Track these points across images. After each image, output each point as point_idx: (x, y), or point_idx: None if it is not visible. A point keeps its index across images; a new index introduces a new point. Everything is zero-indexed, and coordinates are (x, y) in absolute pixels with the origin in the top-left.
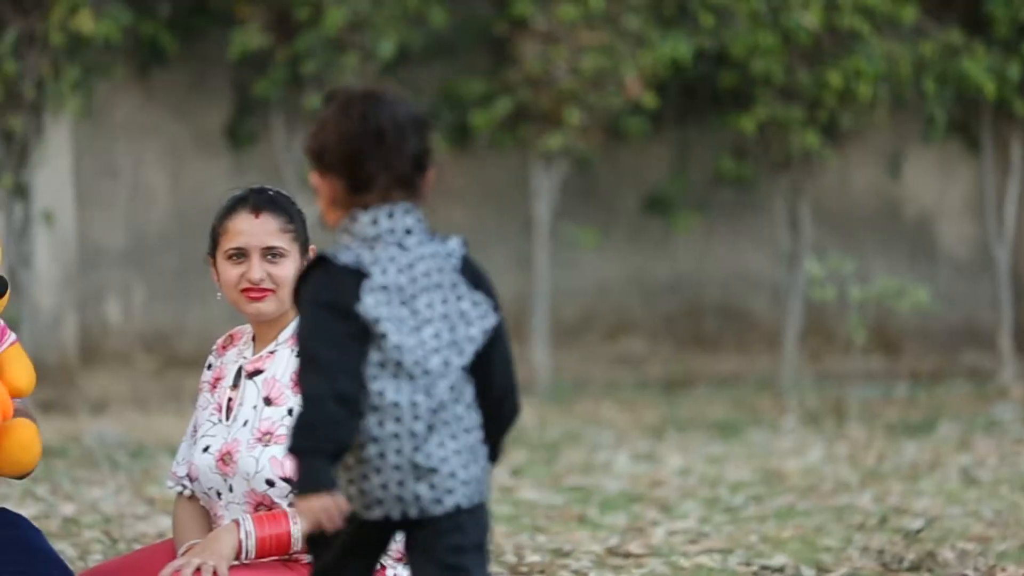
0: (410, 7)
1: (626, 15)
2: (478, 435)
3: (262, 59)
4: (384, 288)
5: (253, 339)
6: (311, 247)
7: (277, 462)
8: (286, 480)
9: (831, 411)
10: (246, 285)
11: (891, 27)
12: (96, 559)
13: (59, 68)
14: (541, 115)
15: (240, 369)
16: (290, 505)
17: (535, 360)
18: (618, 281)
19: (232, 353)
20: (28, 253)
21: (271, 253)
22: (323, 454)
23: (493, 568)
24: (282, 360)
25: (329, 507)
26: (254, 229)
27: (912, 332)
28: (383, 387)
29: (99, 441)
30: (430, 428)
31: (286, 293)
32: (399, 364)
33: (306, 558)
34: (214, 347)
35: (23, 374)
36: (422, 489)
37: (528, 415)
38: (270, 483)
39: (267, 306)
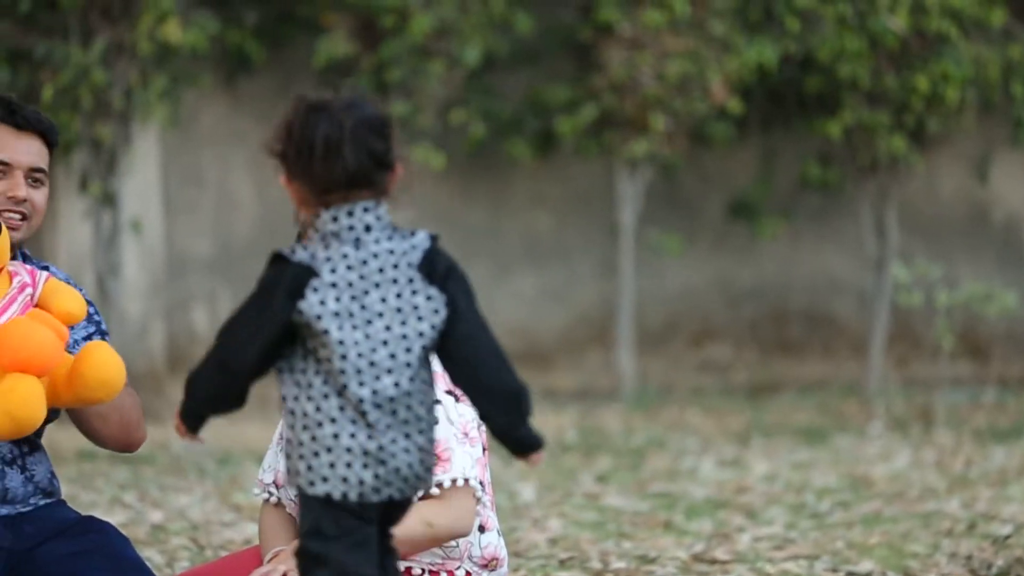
0: (496, 14)
1: (711, 20)
2: (431, 436)
3: (348, 67)
4: (333, 285)
5: None
6: None
7: None
8: None
9: (918, 417)
10: None
11: (979, 30)
12: (183, 566)
13: (147, 77)
14: (626, 121)
15: None
16: None
17: (620, 366)
18: (703, 287)
19: None
20: (116, 262)
21: None
22: (191, 409)
23: (578, 573)
24: None
25: (179, 430)
26: None
27: (1000, 337)
28: (346, 380)
29: (187, 448)
30: (378, 421)
31: None
32: (344, 357)
33: None
34: None
35: (69, 300)
36: (367, 476)
37: (613, 421)
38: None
39: None
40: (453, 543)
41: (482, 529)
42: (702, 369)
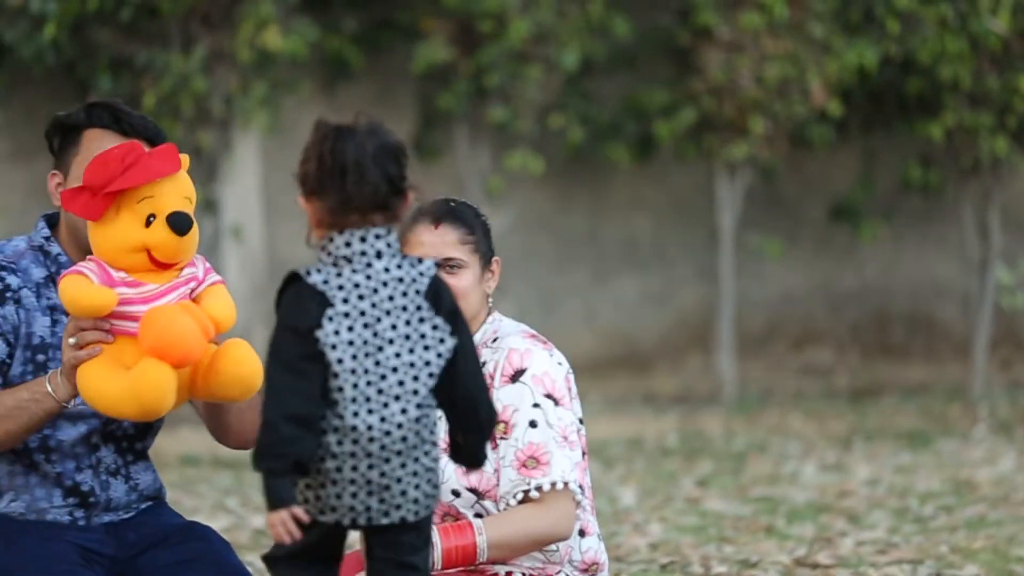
0: (594, 18)
1: (811, 22)
2: (435, 455)
3: (446, 72)
4: (346, 315)
5: None
6: (495, 258)
7: (462, 473)
8: (472, 490)
9: (1023, 419)
10: None
11: None
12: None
13: (247, 84)
14: (725, 125)
15: None
16: (476, 516)
17: (720, 371)
18: (804, 290)
19: None
20: (218, 268)
21: (449, 264)
22: (278, 473)
23: None
24: None
25: (287, 521)
26: (433, 240)
27: None
28: (342, 410)
29: None
30: (384, 448)
31: (465, 304)
32: (355, 386)
33: (492, 569)
34: None
35: (223, 307)
36: (373, 502)
37: (714, 425)
38: (456, 493)
39: None
40: (553, 547)
41: (582, 533)
42: (803, 373)
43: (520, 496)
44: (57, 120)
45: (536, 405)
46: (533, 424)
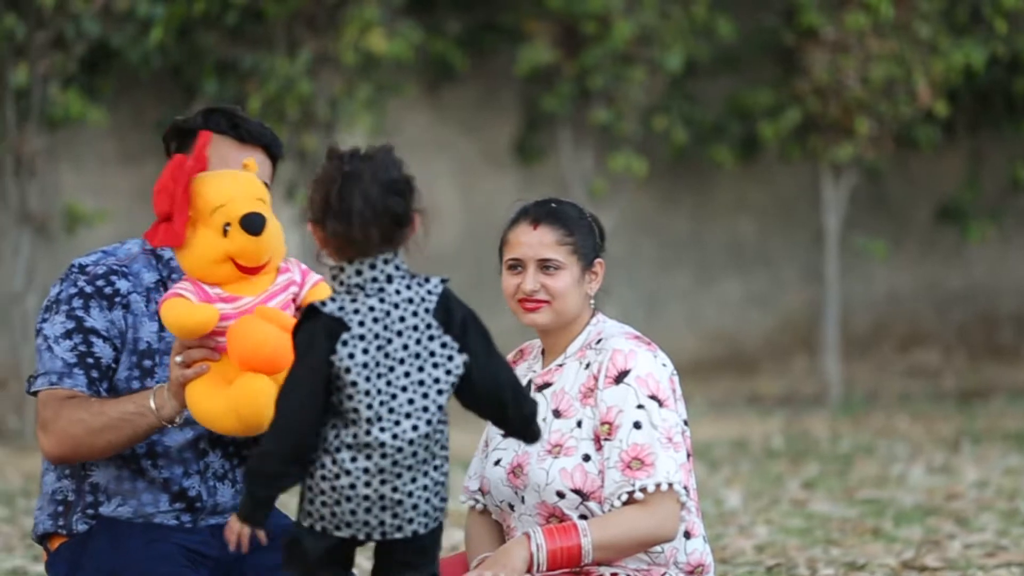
0: (698, 19)
1: (916, 22)
2: (444, 469)
3: (550, 74)
4: (361, 337)
5: (542, 353)
6: (598, 260)
7: (567, 474)
8: (576, 492)
9: None
10: (521, 296)
11: None
12: None
13: (352, 87)
14: (830, 125)
15: (530, 382)
16: (581, 517)
17: (826, 372)
18: (910, 292)
19: (522, 368)
20: (324, 270)
21: (546, 265)
22: (263, 501)
23: None
24: (571, 373)
25: (244, 535)
26: (531, 240)
27: None
28: (356, 430)
29: None
30: (397, 464)
31: (562, 305)
32: (369, 407)
33: (597, 570)
34: None
35: None
36: (386, 517)
37: (820, 427)
38: (560, 495)
39: (541, 317)
40: (658, 549)
41: (688, 535)
42: (910, 374)
43: (625, 497)
44: (175, 125)
45: (640, 406)
46: (637, 425)
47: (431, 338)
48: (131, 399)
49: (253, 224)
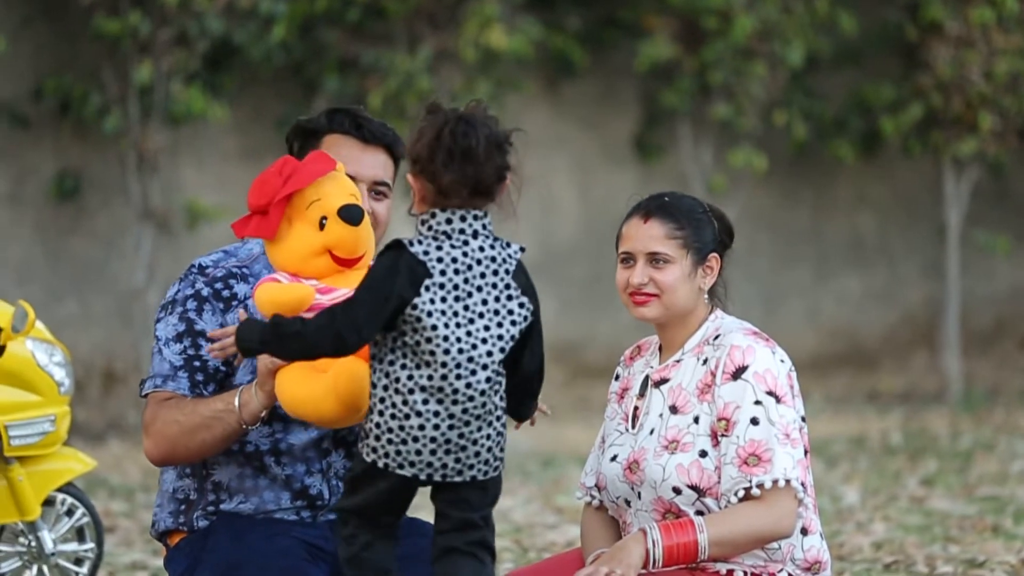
0: (819, 14)
1: None
2: (503, 421)
3: (670, 70)
4: (442, 286)
5: (659, 348)
6: (712, 254)
7: (683, 469)
8: (693, 488)
9: None
10: (631, 289)
11: None
12: (507, 568)
13: (472, 83)
14: (953, 120)
15: (647, 378)
16: (697, 513)
17: (946, 368)
18: None
19: (639, 363)
20: None
21: (655, 258)
22: (287, 349)
23: None
24: (688, 368)
25: (228, 349)
26: (640, 234)
27: None
28: (431, 372)
29: (511, 451)
30: (467, 412)
31: (671, 299)
32: (447, 352)
33: (713, 567)
34: (622, 358)
35: None
36: (449, 460)
37: (939, 424)
38: (676, 491)
39: (650, 311)
40: (775, 545)
41: (804, 532)
42: None
43: (741, 493)
44: (299, 124)
45: (758, 402)
46: (755, 421)
47: (509, 297)
48: (221, 397)
49: (352, 215)
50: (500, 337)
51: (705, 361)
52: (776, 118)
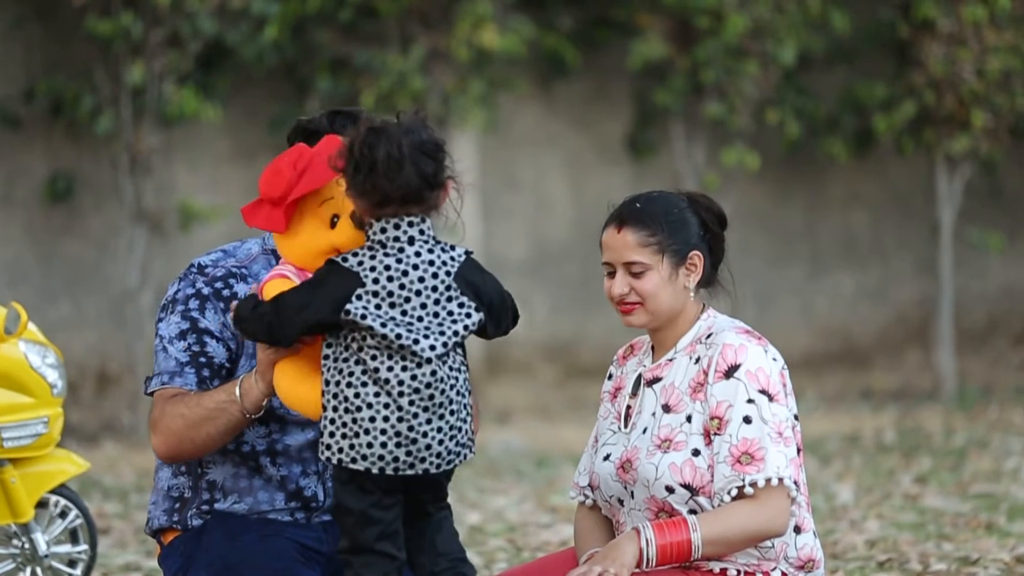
0: (812, 12)
1: None
2: (463, 415)
3: (662, 69)
4: (375, 294)
5: (652, 348)
6: (694, 252)
7: (676, 468)
8: (686, 486)
9: None
10: (616, 299)
11: None
12: (500, 567)
13: (464, 83)
14: (945, 118)
15: (639, 377)
16: (691, 512)
17: (940, 366)
18: None
19: (632, 363)
20: None
21: (632, 268)
22: (248, 329)
23: (897, 575)
24: (680, 367)
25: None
26: (615, 244)
27: None
28: (378, 365)
29: (504, 451)
30: (414, 404)
31: (654, 305)
32: (389, 346)
33: (707, 565)
34: (615, 357)
35: None
36: (400, 453)
37: (933, 421)
38: (670, 489)
39: (637, 319)
40: (768, 544)
41: (798, 530)
42: None
43: (734, 492)
44: (299, 125)
45: (750, 401)
46: (747, 420)
47: (449, 299)
48: (223, 388)
49: None
50: (442, 333)
51: (697, 360)
52: (769, 116)
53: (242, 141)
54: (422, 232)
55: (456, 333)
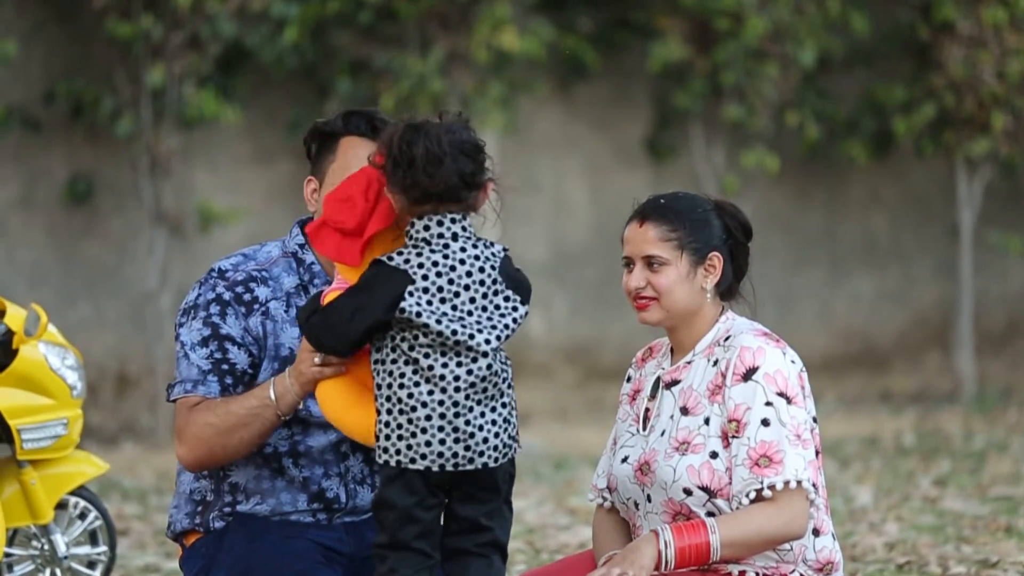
0: (832, 14)
1: None
2: (509, 410)
3: (682, 71)
4: (426, 290)
5: (671, 350)
6: (714, 253)
7: (694, 471)
8: (704, 489)
9: None
10: (632, 294)
11: None
12: (519, 569)
13: (484, 85)
14: (965, 120)
15: (658, 380)
16: (708, 515)
17: (959, 368)
18: None
19: (651, 365)
20: None
21: (651, 262)
22: (307, 332)
23: None
24: (699, 370)
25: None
26: (636, 238)
27: None
28: (432, 363)
29: (523, 453)
30: (469, 398)
31: (669, 301)
32: (444, 342)
33: (726, 568)
34: (634, 360)
35: None
36: (459, 448)
37: (952, 424)
38: (687, 492)
39: (651, 315)
40: (787, 546)
41: (817, 533)
42: None
43: (753, 495)
44: (315, 127)
45: (769, 403)
46: (766, 423)
47: (496, 292)
48: (253, 394)
49: None
50: (494, 327)
51: (716, 362)
52: (788, 119)
53: (262, 143)
54: (464, 229)
55: (507, 326)
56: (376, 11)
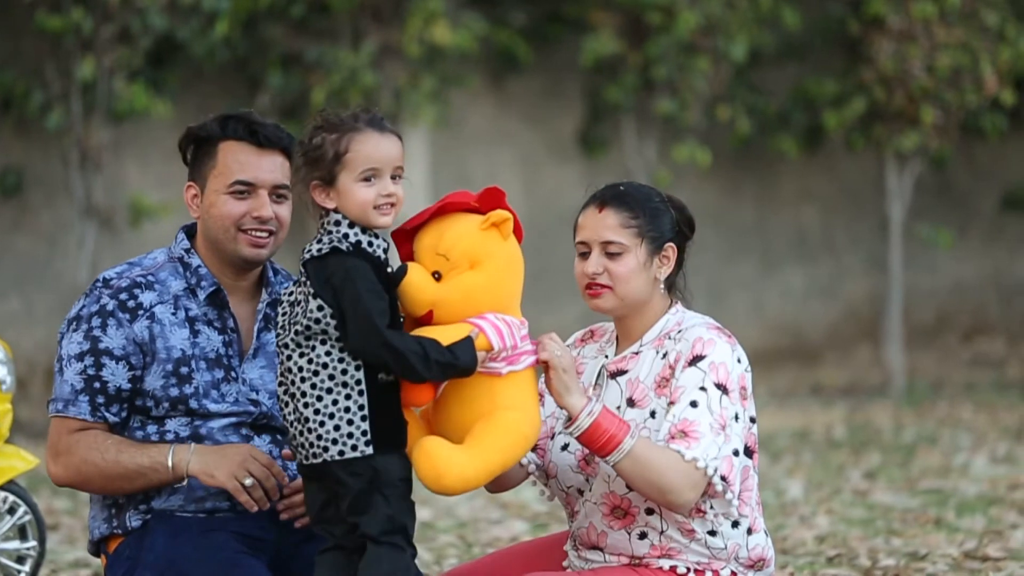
0: (763, 9)
1: (983, 11)
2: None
3: (614, 65)
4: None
5: (617, 338)
6: (669, 244)
7: None
8: None
9: None
10: (586, 280)
11: None
12: (451, 563)
13: (416, 78)
14: (895, 114)
15: (602, 368)
16: (648, 511)
17: (889, 362)
18: (975, 281)
19: (591, 348)
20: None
21: (609, 248)
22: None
23: (846, 571)
24: (646, 361)
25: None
26: (594, 224)
27: None
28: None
29: None
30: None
31: (625, 290)
32: None
33: (656, 563)
34: (571, 339)
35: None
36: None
37: (882, 417)
38: (630, 487)
39: (604, 303)
40: (720, 544)
41: (750, 531)
42: (974, 364)
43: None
44: (190, 132)
45: (703, 388)
46: (694, 404)
47: None
48: (147, 452)
49: None
50: None
51: (665, 355)
52: (720, 113)
53: None
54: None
55: None
56: (308, 4)
